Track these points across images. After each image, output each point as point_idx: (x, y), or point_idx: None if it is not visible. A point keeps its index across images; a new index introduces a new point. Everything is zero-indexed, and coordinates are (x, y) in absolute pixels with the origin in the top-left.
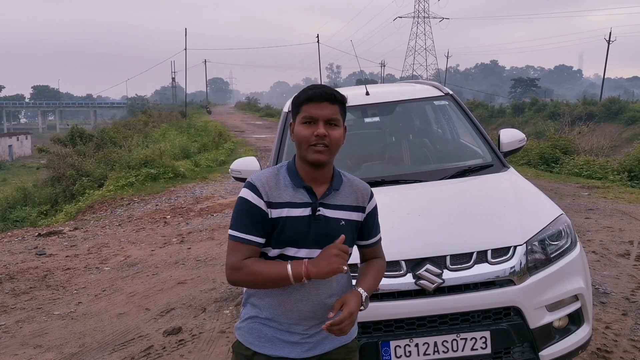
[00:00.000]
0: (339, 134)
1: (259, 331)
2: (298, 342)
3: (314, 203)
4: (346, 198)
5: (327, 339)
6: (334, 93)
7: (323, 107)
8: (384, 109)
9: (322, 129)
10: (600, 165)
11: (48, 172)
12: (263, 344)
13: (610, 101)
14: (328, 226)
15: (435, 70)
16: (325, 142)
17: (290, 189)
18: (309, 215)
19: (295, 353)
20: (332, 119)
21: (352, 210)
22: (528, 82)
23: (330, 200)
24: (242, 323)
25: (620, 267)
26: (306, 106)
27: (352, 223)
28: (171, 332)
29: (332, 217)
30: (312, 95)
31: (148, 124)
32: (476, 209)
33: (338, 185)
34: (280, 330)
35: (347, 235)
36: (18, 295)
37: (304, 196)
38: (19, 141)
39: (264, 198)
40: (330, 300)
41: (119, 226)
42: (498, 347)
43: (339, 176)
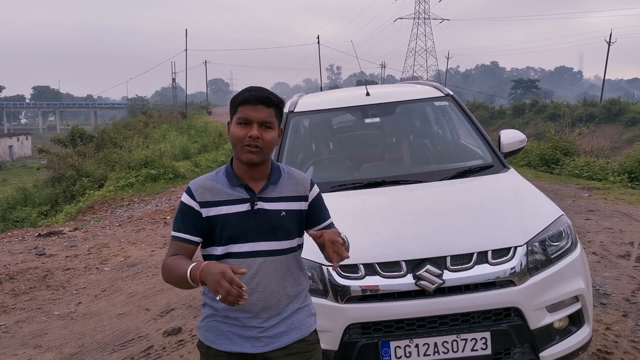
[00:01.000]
0: (272, 137)
1: (217, 329)
2: (255, 336)
3: (251, 198)
4: (286, 190)
5: (285, 333)
6: (270, 96)
7: (258, 110)
8: (384, 109)
9: (255, 131)
10: (600, 166)
11: (48, 172)
12: (222, 341)
13: (610, 102)
14: (269, 219)
15: (436, 71)
16: (258, 144)
17: (227, 189)
18: (248, 211)
19: (254, 348)
20: (266, 121)
21: (293, 201)
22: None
23: (268, 194)
24: (202, 322)
25: (621, 268)
26: (242, 107)
27: (294, 213)
28: (171, 333)
29: (272, 209)
30: (249, 98)
31: (148, 125)
32: (476, 209)
33: (276, 179)
34: (237, 325)
35: (291, 225)
36: (18, 296)
37: (241, 193)
38: (19, 142)
39: (197, 199)
40: (284, 291)
41: (119, 227)
42: (498, 348)
43: (277, 170)
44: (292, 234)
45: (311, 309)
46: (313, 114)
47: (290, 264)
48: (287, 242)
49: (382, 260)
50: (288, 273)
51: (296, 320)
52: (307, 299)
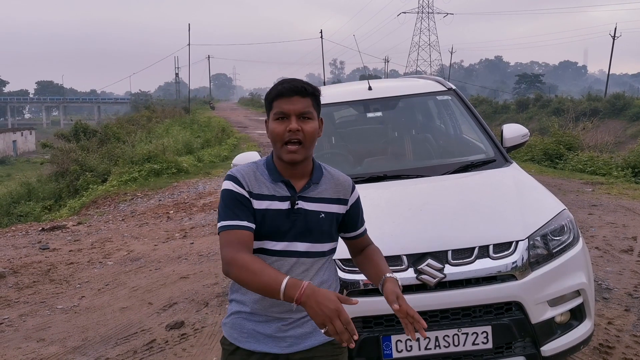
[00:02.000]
0: (313, 128)
1: (242, 326)
2: (280, 336)
3: (292, 196)
4: (326, 191)
5: (311, 335)
6: (305, 86)
7: (294, 102)
8: (386, 103)
9: (294, 124)
10: (604, 161)
11: (52, 167)
12: (246, 339)
13: (615, 97)
14: (308, 219)
15: (439, 66)
16: (299, 137)
17: (269, 183)
18: (288, 209)
19: (278, 348)
20: (304, 112)
21: (332, 203)
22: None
23: (309, 194)
24: (228, 319)
25: (623, 263)
26: (277, 102)
27: (332, 215)
28: (174, 326)
29: (312, 210)
30: (282, 90)
31: (151, 120)
32: (478, 204)
33: (318, 178)
34: (262, 323)
35: (328, 227)
36: (21, 289)
37: (282, 190)
38: (23, 136)
39: (246, 188)
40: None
41: (122, 221)
42: (499, 342)
43: (319, 169)
44: (327, 236)
45: None
46: None
47: (324, 267)
48: (322, 245)
49: (383, 255)
50: (319, 275)
51: None
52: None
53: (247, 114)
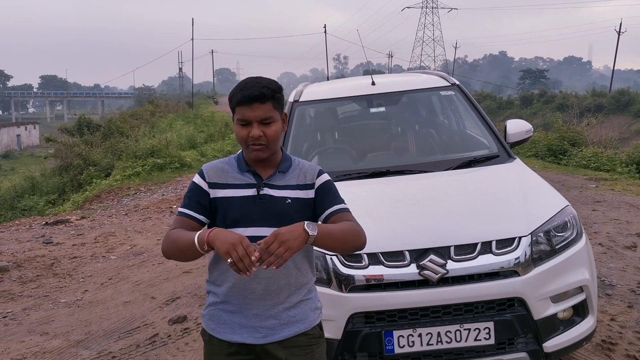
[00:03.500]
0: (275, 130)
1: (219, 317)
2: (254, 326)
3: (258, 183)
4: (293, 179)
5: (286, 326)
6: (263, 91)
7: (254, 109)
8: (389, 99)
9: (256, 131)
10: (608, 157)
11: (56, 161)
12: (222, 330)
13: (619, 93)
14: (274, 205)
15: (443, 61)
16: (262, 142)
17: (237, 174)
18: (254, 196)
19: (253, 338)
20: (265, 118)
21: (299, 189)
22: (537, 74)
23: (275, 181)
24: (206, 310)
25: (627, 260)
26: (239, 108)
27: (299, 201)
28: (176, 321)
29: (278, 196)
30: (241, 99)
31: (155, 114)
32: (481, 199)
33: (285, 168)
34: (236, 313)
35: (297, 214)
36: (25, 283)
37: (249, 179)
38: (27, 131)
39: (206, 179)
40: (286, 279)
41: (125, 215)
42: (502, 338)
43: (288, 160)
44: (296, 221)
45: (316, 303)
46: (318, 104)
47: (297, 255)
48: None
49: (385, 250)
50: (291, 262)
51: (299, 313)
52: (311, 291)
53: None
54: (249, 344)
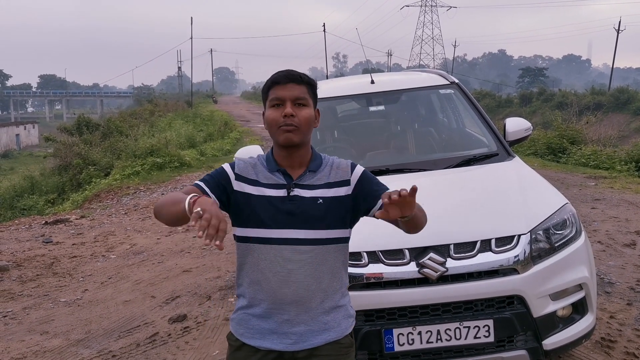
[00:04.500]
0: (308, 114)
1: (247, 322)
2: (284, 332)
3: (288, 184)
4: (324, 177)
5: (318, 333)
6: (300, 75)
7: (289, 88)
8: (389, 97)
9: (289, 109)
10: (607, 155)
11: (55, 161)
12: (252, 335)
13: (618, 91)
14: (304, 206)
15: (443, 59)
16: (294, 123)
17: (266, 173)
18: (284, 196)
19: (283, 345)
20: (299, 97)
21: (331, 187)
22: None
23: (306, 181)
24: (235, 314)
25: (626, 257)
26: (273, 89)
27: (334, 200)
28: (176, 320)
29: (309, 196)
30: (277, 78)
31: (154, 114)
32: (480, 198)
33: (316, 167)
34: (265, 318)
35: (330, 214)
36: (25, 283)
37: (279, 178)
38: (26, 130)
39: (235, 171)
40: (317, 285)
41: (125, 215)
42: (501, 336)
43: (318, 158)
44: (330, 223)
45: (349, 310)
46: (317, 102)
47: (328, 257)
48: (323, 232)
49: (385, 248)
50: (324, 266)
51: (331, 320)
52: (344, 297)
53: (249, 108)
54: (278, 350)
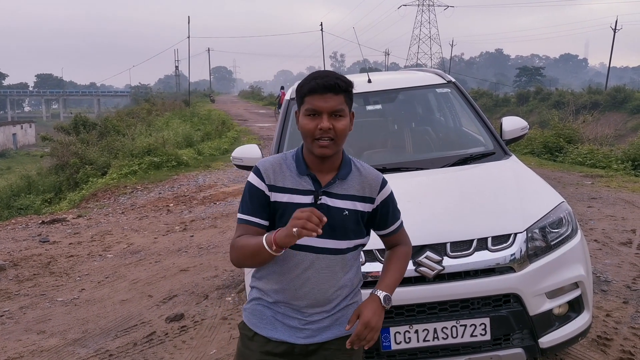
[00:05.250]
0: (345, 125)
1: (262, 313)
2: (298, 327)
3: (316, 191)
4: (353, 188)
5: (330, 328)
6: (338, 82)
7: (327, 99)
8: (386, 96)
9: (326, 123)
10: (604, 154)
11: (52, 160)
12: (265, 326)
13: (615, 90)
14: (330, 216)
15: (440, 58)
16: (330, 135)
17: (294, 176)
18: (311, 204)
19: (295, 338)
20: (336, 110)
21: (357, 201)
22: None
23: (334, 189)
24: (248, 304)
25: (622, 256)
26: (309, 98)
27: (356, 213)
28: (174, 319)
29: (335, 206)
30: (315, 87)
31: (151, 113)
32: (477, 196)
33: (345, 174)
34: (282, 314)
35: (352, 225)
36: (22, 282)
37: (307, 184)
38: (22, 129)
39: (266, 181)
40: (334, 291)
41: (122, 214)
42: (497, 334)
43: (348, 164)
44: (351, 234)
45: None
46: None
47: (347, 264)
48: (344, 242)
49: (382, 247)
50: (341, 272)
51: (343, 316)
52: (357, 294)
53: (247, 107)
54: (289, 342)
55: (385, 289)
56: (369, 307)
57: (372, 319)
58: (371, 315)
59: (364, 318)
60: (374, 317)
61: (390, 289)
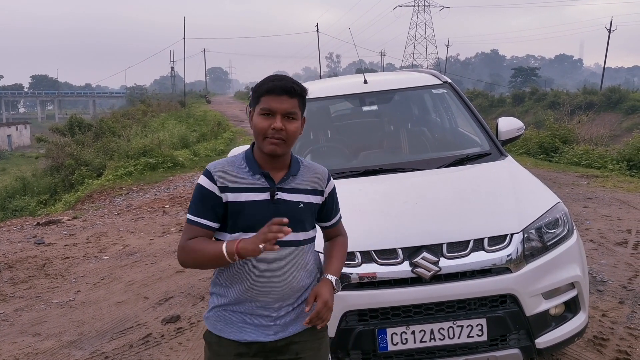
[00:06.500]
0: (296, 127)
1: (227, 318)
2: (266, 324)
3: (272, 187)
4: (304, 182)
5: (295, 322)
6: (294, 86)
7: (282, 101)
8: (382, 97)
9: (279, 123)
10: (599, 154)
11: (47, 161)
12: (232, 330)
13: (610, 90)
14: (287, 209)
15: (436, 59)
16: (282, 136)
17: (248, 176)
18: (268, 200)
19: (265, 336)
20: (289, 112)
21: (310, 194)
22: (528, 72)
23: (288, 185)
24: (210, 312)
25: (618, 256)
26: (265, 98)
27: (310, 206)
28: (170, 320)
29: (291, 200)
30: (272, 88)
31: (147, 114)
32: (473, 197)
33: (296, 170)
34: (248, 314)
35: (308, 217)
36: (17, 284)
37: (261, 182)
38: (17, 131)
39: (218, 184)
40: (297, 282)
41: (117, 215)
42: (494, 334)
43: (296, 162)
44: (307, 226)
45: None
46: (310, 102)
47: (306, 255)
48: (302, 234)
49: (378, 248)
50: (302, 264)
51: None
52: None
53: (243, 108)
54: (260, 342)
55: (335, 274)
56: (325, 288)
57: (330, 299)
58: (329, 296)
59: (323, 297)
60: (330, 297)
61: (338, 274)
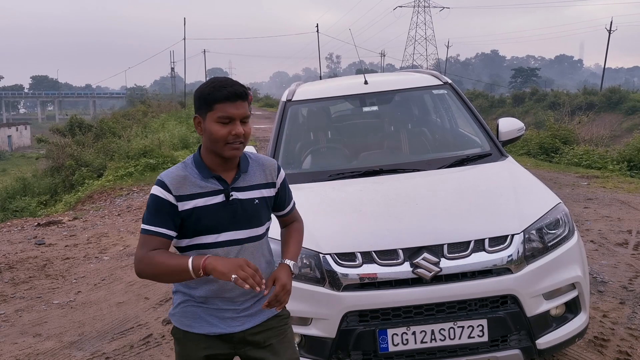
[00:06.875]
0: (250, 128)
1: (194, 313)
2: (232, 317)
3: (225, 189)
4: (256, 177)
5: (261, 312)
6: (244, 90)
7: (238, 106)
8: (382, 98)
9: (240, 129)
10: (599, 155)
11: (47, 162)
12: (200, 324)
13: (610, 91)
14: (244, 208)
15: (436, 60)
16: (242, 140)
17: (200, 181)
18: (223, 201)
19: (231, 328)
20: (246, 116)
21: (263, 188)
22: (528, 72)
23: (241, 184)
24: (176, 309)
25: (619, 256)
26: (221, 105)
27: (265, 200)
28: (170, 321)
29: (246, 198)
30: (228, 95)
31: (147, 114)
32: (474, 197)
33: (246, 167)
34: (215, 308)
35: (263, 211)
36: (17, 285)
37: (214, 185)
38: (18, 131)
39: (173, 193)
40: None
41: (118, 216)
42: (495, 335)
43: (245, 159)
44: (264, 219)
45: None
46: (311, 103)
47: (264, 248)
48: (260, 229)
49: (379, 249)
50: (262, 257)
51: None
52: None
53: None
54: (227, 333)
55: (292, 258)
56: (283, 272)
57: (288, 282)
58: (287, 279)
59: (281, 281)
60: (288, 281)
61: (295, 259)
